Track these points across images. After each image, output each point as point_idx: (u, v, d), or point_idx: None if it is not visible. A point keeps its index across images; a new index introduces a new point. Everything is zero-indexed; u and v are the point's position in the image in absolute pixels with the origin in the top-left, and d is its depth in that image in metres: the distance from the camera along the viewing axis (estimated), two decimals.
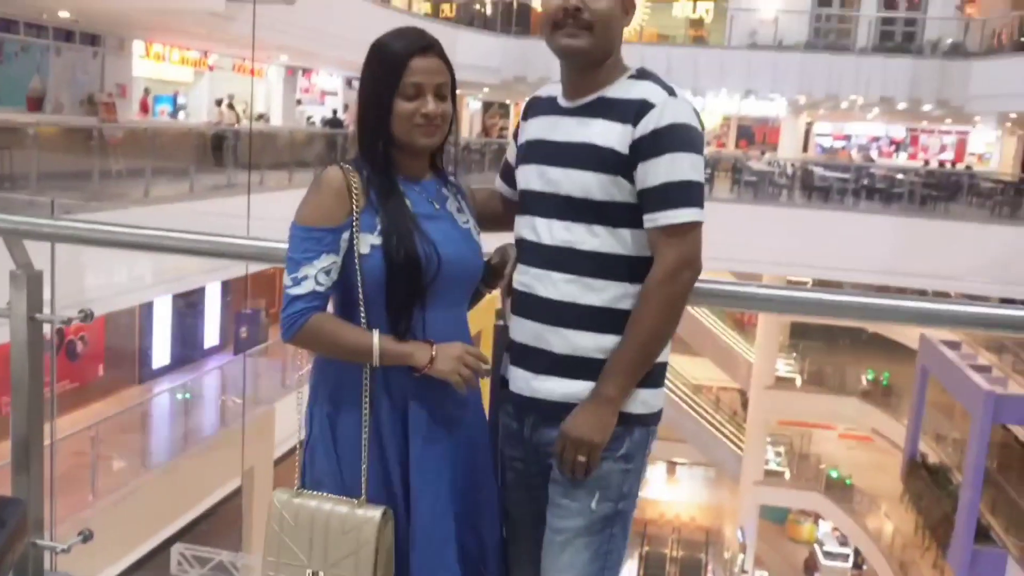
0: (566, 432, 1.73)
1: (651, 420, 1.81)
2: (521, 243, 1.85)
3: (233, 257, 2.18)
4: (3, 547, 1.31)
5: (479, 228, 1.88)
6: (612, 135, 1.73)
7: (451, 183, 1.88)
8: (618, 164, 1.72)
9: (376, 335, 1.70)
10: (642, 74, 1.79)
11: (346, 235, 1.72)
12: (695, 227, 1.71)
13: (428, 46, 1.75)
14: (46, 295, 2.11)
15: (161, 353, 15.37)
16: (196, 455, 11.83)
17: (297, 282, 1.71)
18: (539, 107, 1.90)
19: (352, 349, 1.71)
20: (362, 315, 1.74)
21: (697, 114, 1.75)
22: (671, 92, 1.74)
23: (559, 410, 1.76)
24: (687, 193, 1.70)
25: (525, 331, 1.82)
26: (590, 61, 1.78)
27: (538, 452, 1.84)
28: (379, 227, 1.73)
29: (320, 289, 1.71)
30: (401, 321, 1.73)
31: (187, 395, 12.89)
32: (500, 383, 1.92)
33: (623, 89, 1.77)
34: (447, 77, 1.76)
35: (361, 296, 1.73)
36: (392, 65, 1.73)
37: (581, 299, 1.75)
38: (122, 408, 12.26)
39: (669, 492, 27.95)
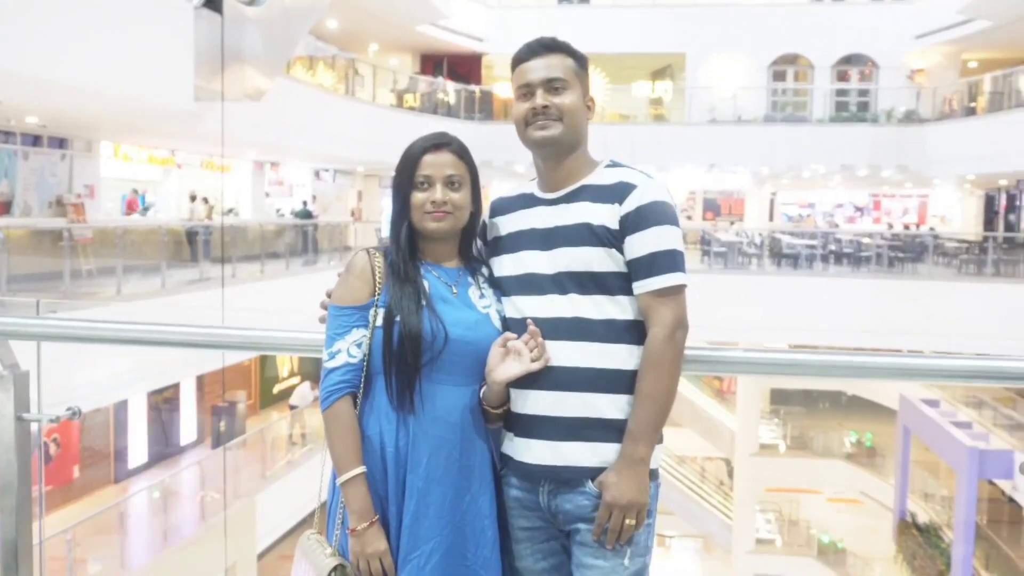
0: (614, 501, 1.85)
1: (657, 474, 1.96)
2: (519, 322, 1.96)
3: (225, 348, 2.19)
4: None
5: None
6: (602, 214, 1.93)
7: (480, 273, 2.03)
8: (610, 238, 1.92)
9: (356, 471, 1.88)
10: (615, 163, 2.03)
11: (373, 311, 1.91)
12: (682, 289, 1.91)
13: (441, 143, 1.96)
14: (32, 395, 2.10)
15: (137, 451, 15.12)
16: (176, 554, 11.57)
17: (332, 356, 1.92)
18: (512, 204, 2.09)
19: (335, 459, 1.92)
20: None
21: (670, 193, 1.96)
22: (647, 175, 1.95)
23: (580, 474, 1.90)
24: (672, 260, 1.90)
25: (539, 402, 1.93)
26: (562, 149, 1.98)
27: (556, 518, 1.96)
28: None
29: (353, 361, 1.92)
30: (403, 391, 1.89)
31: (164, 493, 12.66)
32: (502, 460, 2.01)
33: (602, 177, 1.99)
34: (459, 170, 1.97)
35: (373, 366, 1.93)
36: (408, 161, 1.97)
37: (594, 364, 1.91)
38: (98, 509, 12.01)
39: (661, 566, 27.50)
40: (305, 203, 20.38)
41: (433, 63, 25.17)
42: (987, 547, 16.54)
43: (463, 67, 24.85)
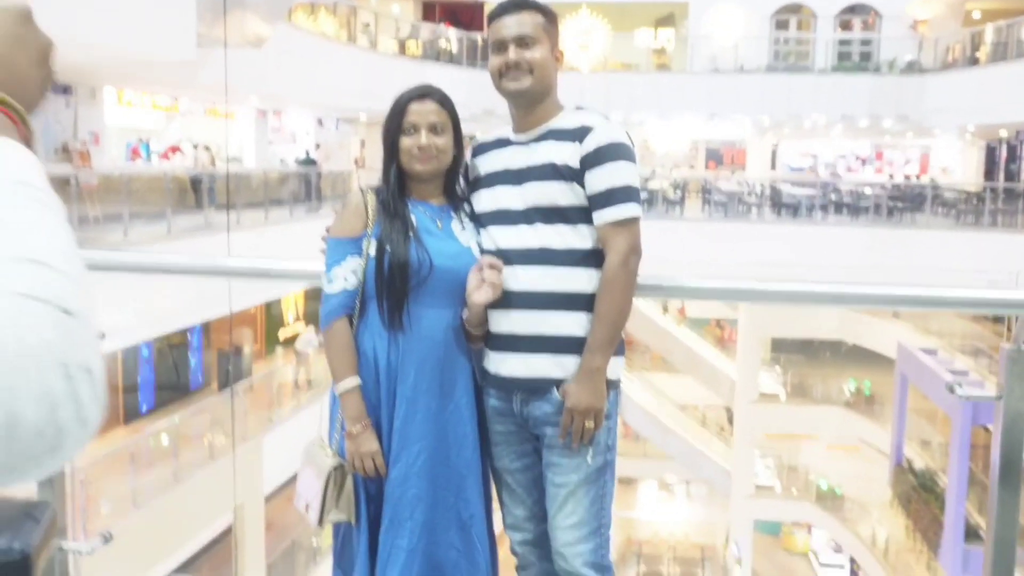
0: (574, 406, 2.09)
1: (618, 384, 2.20)
2: (493, 252, 2.20)
3: (237, 275, 2.38)
4: (39, 545, 1.48)
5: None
6: (565, 153, 2.14)
7: (462, 209, 2.26)
8: (573, 174, 2.14)
9: (352, 382, 2.14)
10: (579, 108, 2.26)
11: (366, 242, 2.13)
12: (636, 220, 2.12)
13: (425, 94, 2.18)
14: None
15: (146, 394, 15.39)
16: (185, 495, 11.86)
17: (331, 281, 2.18)
18: (489, 146, 2.31)
19: (333, 371, 2.18)
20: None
21: (628, 134, 2.17)
22: (606, 118, 2.18)
23: (547, 384, 2.14)
24: (627, 193, 2.11)
25: (512, 321, 2.17)
26: (532, 99, 2.20)
27: (527, 423, 2.22)
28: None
29: (349, 287, 2.17)
30: (393, 312, 2.13)
31: (173, 435, 12.91)
32: (481, 374, 2.26)
33: (566, 120, 2.20)
34: (442, 117, 2.19)
35: (367, 290, 2.17)
36: (396, 110, 2.21)
37: (559, 287, 2.14)
38: (102, 455, 12.25)
39: (662, 511, 28.01)
40: (308, 152, 20.43)
41: (435, 10, 25.03)
42: (980, 492, 16.81)
43: (465, 14, 24.68)
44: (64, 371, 0.57)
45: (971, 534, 15.44)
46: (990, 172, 23.70)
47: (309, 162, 19.17)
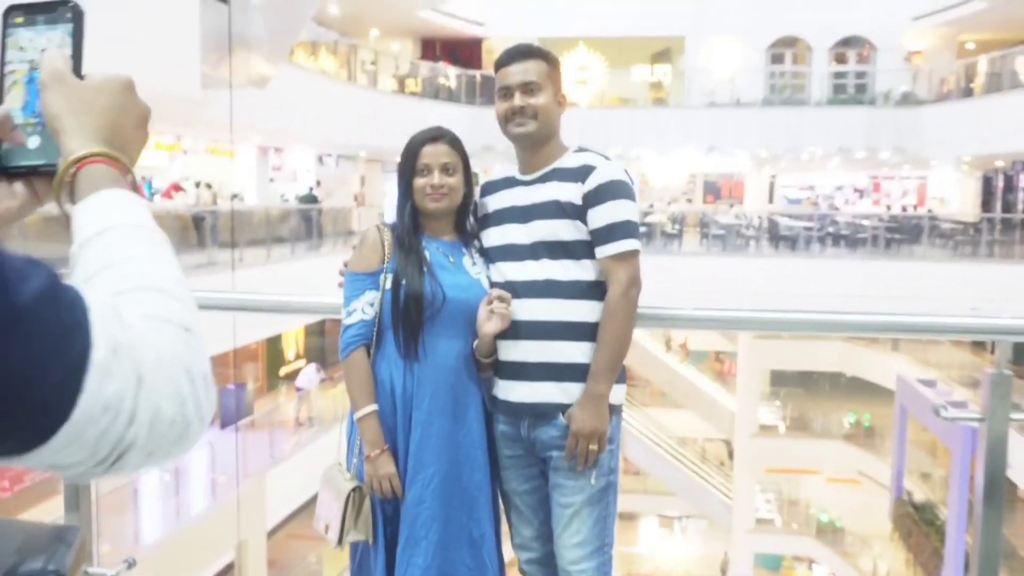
0: (579, 430, 2.21)
1: (620, 409, 2.33)
2: (502, 285, 2.33)
3: (256, 311, 2.51)
4: (71, 568, 1.58)
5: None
6: (569, 191, 2.28)
7: (473, 245, 2.40)
8: (575, 211, 2.29)
9: (369, 408, 2.27)
10: (581, 149, 2.40)
11: (383, 276, 2.27)
12: (636, 254, 2.26)
13: (437, 136, 2.32)
14: None
15: None
16: (188, 532, 11.85)
17: (349, 314, 2.32)
18: (497, 186, 2.46)
19: (352, 399, 2.32)
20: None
21: (627, 172, 2.32)
22: (606, 158, 2.32)
23: (553, 410, 2.27)
24: (627, 229, 2.25)
25: (520, 350, 2.30)
26: (537, 141, 2.35)
27: (535, 447, 2.32)
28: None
29: (366, 318, 2.31)
30: (408, 342, 2.26)
31: (175, 472, 12.89)
32: (491, 401, 2.38)
33: (569, 160, 2.34)
34: (453, 158, 2.33)
35: (384, 322, 2.30)
36: (410, 152, 2.36)
37: (564, 317, 2.27)
38: (110, 489, 12.22)
39: (662, 546, 27.84)
40: (311, 188, 20.57)
41: (434, 48, 25.28)
42: None
43: (464, 52, 24.92)
44: (188, 376, 0.71)
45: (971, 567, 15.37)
46: (987, 202, 23.86)
47: (310, 199, 19.32)
